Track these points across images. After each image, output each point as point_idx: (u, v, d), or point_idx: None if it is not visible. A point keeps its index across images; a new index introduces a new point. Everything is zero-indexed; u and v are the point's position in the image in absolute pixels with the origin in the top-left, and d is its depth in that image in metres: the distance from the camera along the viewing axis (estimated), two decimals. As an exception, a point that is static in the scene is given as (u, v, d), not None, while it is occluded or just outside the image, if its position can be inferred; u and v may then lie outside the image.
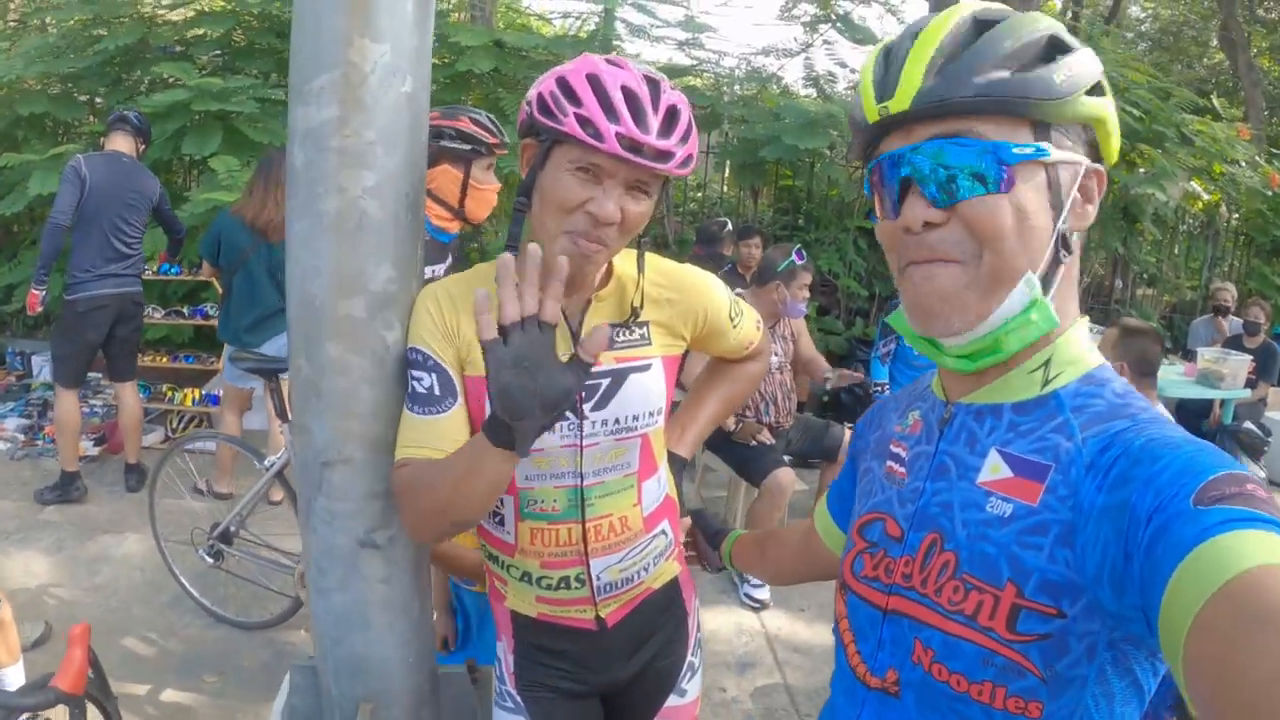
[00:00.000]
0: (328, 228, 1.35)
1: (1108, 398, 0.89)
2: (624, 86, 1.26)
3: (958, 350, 0.92)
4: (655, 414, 1.50)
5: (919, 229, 0.88)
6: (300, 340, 1.42)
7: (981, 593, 0.86)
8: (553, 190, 1.29)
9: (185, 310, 6.18)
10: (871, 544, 1.02)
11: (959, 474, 0.94)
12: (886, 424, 1.12)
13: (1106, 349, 3.33)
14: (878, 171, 0.93)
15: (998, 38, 0.86)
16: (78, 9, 6.46)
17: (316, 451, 1.45)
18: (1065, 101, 0.86)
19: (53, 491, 4.91)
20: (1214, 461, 0.74)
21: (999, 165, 0.85)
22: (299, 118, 1.35)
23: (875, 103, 0.90)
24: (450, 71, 6.37)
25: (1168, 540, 0.69)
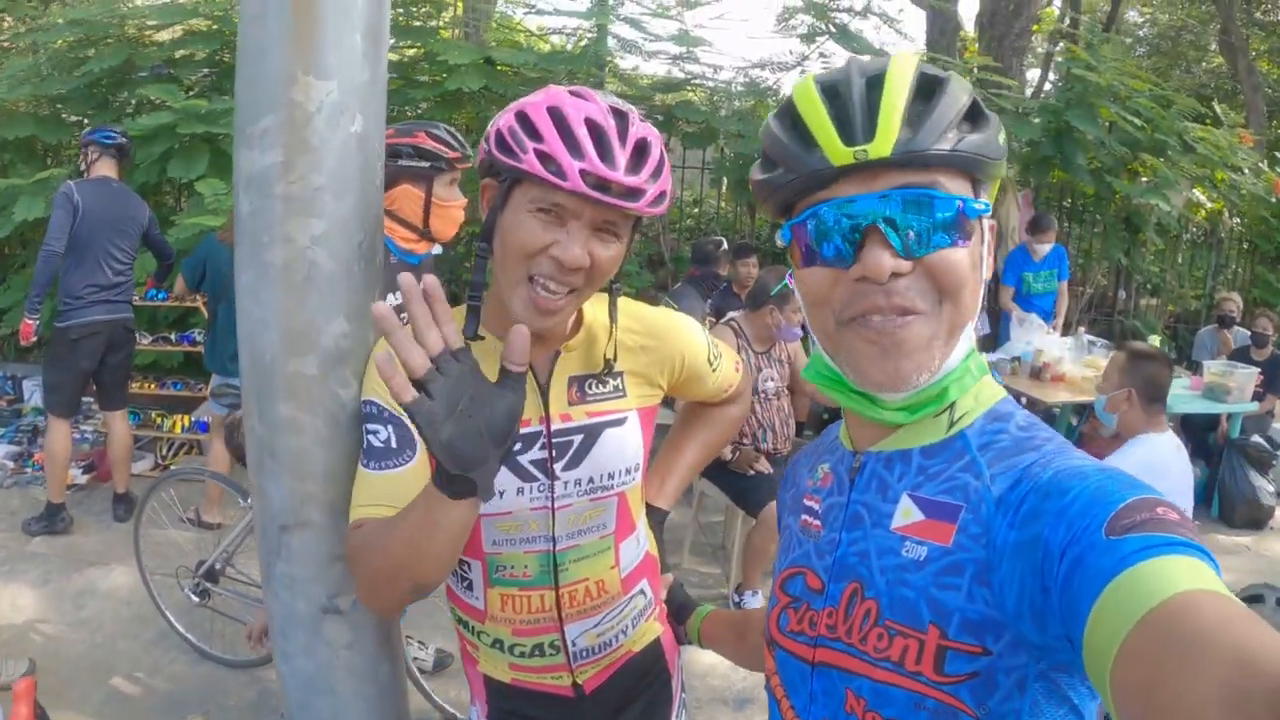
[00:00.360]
0: (275, 280, 1.26)
1: (1012, 432, 0.91)
2: (588, 119, 1.16)
3: (899, 403, 0.92)
4: (632, 470, 1.41)
5: (885, 279, 0.86)
6: (252, 399, 1.34)
7: (906, 638, 0.85)
8: (513, 233, 1.18)
9: (173, 336, 6.10)
10: (794, 598, 1.02)
11: (873, 522, 0.94)
12: (800, 480, 1.12)
13: (1113, 374, 3.21)
14: (820, 217, 0.89)
15: (953, 96, 0.88)
16: (64, 31, 6.42)
17: (273, 515, 1.37)
18: (1000, 163, 0.91)
19: (39, 522, 4.84)
20: (1121, 489, 0.74)
21: (963, 219, 0.87)
22: (243, 162, 1.26)
23: (844, 144, 0.86)
24: (440, 90, 6.30)
25: (1084, 572, 0.69)
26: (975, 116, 0.90)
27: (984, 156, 0.88)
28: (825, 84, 0.91)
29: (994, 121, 0.91)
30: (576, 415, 1.36)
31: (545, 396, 1.35)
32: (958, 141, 0.87)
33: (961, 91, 0.89)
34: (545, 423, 1.34)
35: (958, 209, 0.86)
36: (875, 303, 0.87)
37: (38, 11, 6.79)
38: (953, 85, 0.89)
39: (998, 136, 0.91)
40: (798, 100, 0.92)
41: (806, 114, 0.90)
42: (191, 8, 6.42)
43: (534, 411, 1.34)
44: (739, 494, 4.21)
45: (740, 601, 4.28)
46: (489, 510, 1.33)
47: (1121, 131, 7.18)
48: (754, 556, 4.19)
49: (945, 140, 0.86)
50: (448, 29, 7.22)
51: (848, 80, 0.89)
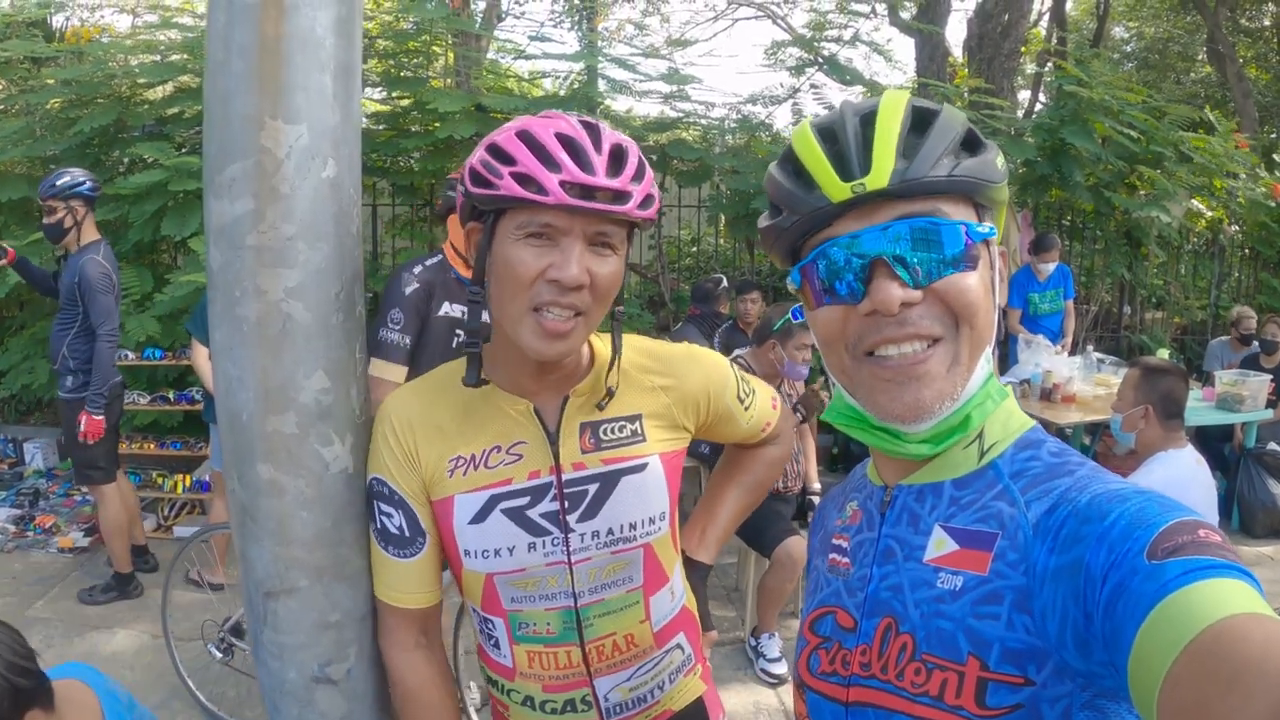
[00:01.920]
0: (249, 335, 1.20)
1: (1044, 459, 0.90)
2: (558, 134, 1.13)
3: (922, 435, 0.92)
4: (657, 520, 1.33)
5: (895, 311, 0.86)
6: (231, 459, 1.28)
7: (944, 671, 0.84)
8: (506, 267, 1.14)
9: (171, 395, 6.04)
10: (824, 639, 1.00)
11: (905, 555, 0.93)
12: (827, 521, 1.11)
13: (1128, 391, 3.14)
14: (827, 255, 0.90)
15: (947, 126, 0.89)
16: (56, 91, 6.42)
17: (257, 581, 1.31)
18: (1001, 185, 0.92)
19: (106, 593, 4.73)
20: (1162, 512, 0.73)
21: (969, 244, 0.87)
22: (213, 213, 1.21)
23: (842, 180, 0.87)
24: (431, 139, 6.28)
25: (1127, 598, 0.69)
26: (971, 144, 0.91)
27: (982, 180, 0.89)
28: (821, 127, 0.93)
29: (991, 147, 0.92)
30: (591, 463, 1.29)
31: (555, 445, 1.28)
32: (954, 167, 0.87)
33: (955, 121, 0.90)
34: (556, 473, 1.28)
35: (962, 234, 0.87)
36: (889, 334, 0.87)
37: (30, 73, 6.80)
38: (945, 115, 0.90)
39: (996, 160, 0.91)
40: (796, 145, 0.93)
41: (805, 157, 0.91)
42: (181, 65, 6.42)
43: (543, 462, 1.28)
44: (752, 534, 4.09)
45: (757, 645, 4.17)
46: (500, 569, 1.28)
47: (1117, 145, 7.16)
48: (769, 598, 4.08)
49: (941, 167, 0.87)
50: (439, 79, 7.24)
51: (842, 120, 0.91)
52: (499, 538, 1.26)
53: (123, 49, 6.74)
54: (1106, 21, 17.05)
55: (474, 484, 1.27)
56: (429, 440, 1.27)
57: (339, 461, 1.27)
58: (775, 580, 3.99)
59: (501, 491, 1.26)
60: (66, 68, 6.42)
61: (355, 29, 1.26)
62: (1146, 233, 7.67)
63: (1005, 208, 0.97)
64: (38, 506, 5.91)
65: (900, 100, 0.90)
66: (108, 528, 4.72)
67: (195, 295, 5.41)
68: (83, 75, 6.31)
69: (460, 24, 7.35)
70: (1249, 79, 14.69)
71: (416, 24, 7.12)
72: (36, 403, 6.99)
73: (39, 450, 6.66)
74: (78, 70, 6.31)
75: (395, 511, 1.28)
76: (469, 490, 1.26)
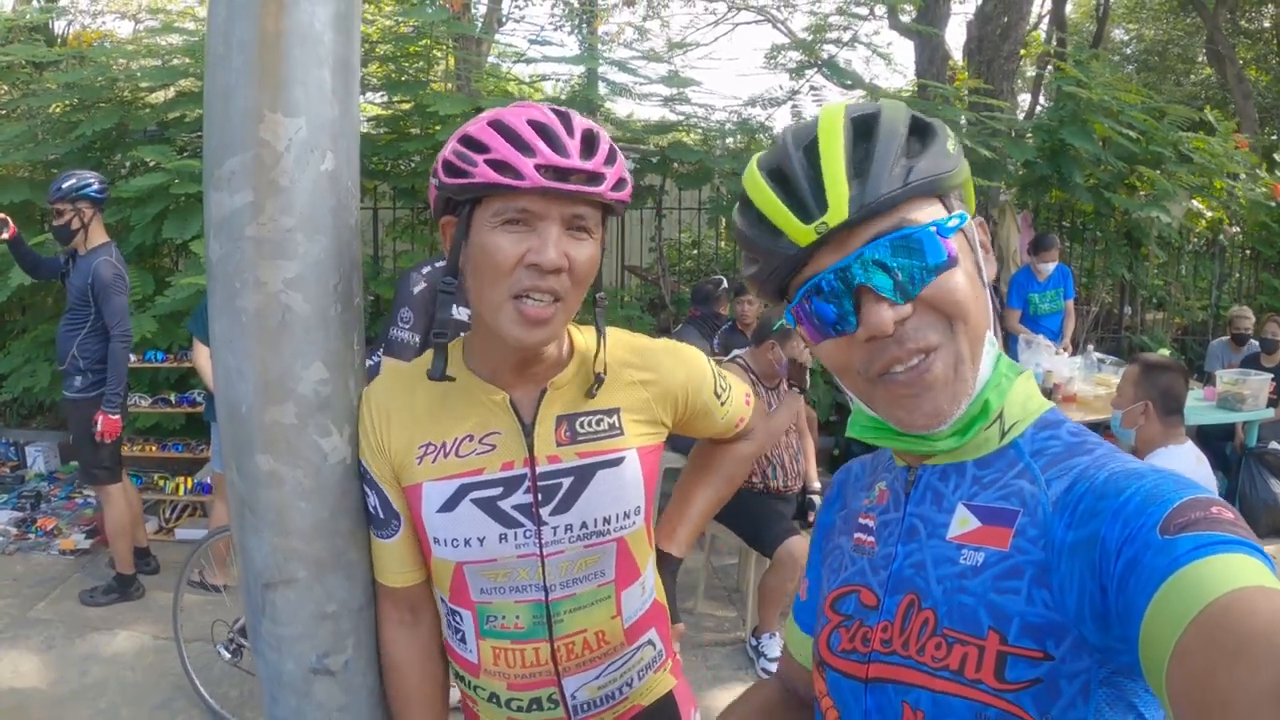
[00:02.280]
0: (248, 326, 1.21)
1: (1064, 438, 0.92)
2: (530, 120, 1.14)
3: (948, 431, 0.92)
4: (632, 514, 1.33)
5: (891, 330, 0.87)
6: (230, 451, 1.29)
7: (965, 645, 0.85)
8: (484, 255, 1.15)
9: (173, 397, 6.05)
10: (846, 617, 1.00)
11: (928, 533, 0.94)
12: (852, 501, 1.11)
13: (1128, 388, 3.14)
14: (812, 295, 0.91)
15: (891, 129, 0.89)
16: (58, 95, 6.44)
17: (256, 572, 1.32)
18: (959, 169, 0.91)
19: (108, 594, 4.73)
20: (1177, 489, 0.74)
21: (942, 243, 0.87)
22: (213, 205, 1.23)
23: (804, 223, 0.88)
24: (432, 142, 6.28)
25: (1139, 572, 0.69)
26: (920, 133, 0.91)
27: (938, 175, 0.89)
28: (769, 168, 0.93)
29: (938, 130, 0.91)
30: (566, 456, 1.29)
31: (530, 437, 1.28)
32: (907, 173, 0.87)
33: (897, 119, 0.90)
34: (530, 465, 1.28)
35: (935, 235, 0.87)
36: (893, 355, 0.88)
37: (31, 77, 6.82)
38: (886, 115, 0.90)
39: (947, 145, 0.91)
40: (749, 192, 0.94)
41: (761, 204, 0.92)
42: (183, 69, 6.45)
43: (517, 453, 1.28)
44: (752, 534, 4.09)
45: (758, 645, 4.16)
46: (470, 557, 1.28)
47: (1116, 146, 7.17)
48: (770, 599, 4.07)
49: (894, 178, 0.87)
50: (439, 83, 7.25)
51: (787, 155, 0.91)
52: (468, 527, 1.26)
53: (124, 53, 6.76)
54: (1106, 24, 17.07)
55: (443, 472, 1.27)
56: (402, 426, 1.28)
57: (337, 452, 1.28)
58: (776, 580, 3.98)
59: (472, 481, 1.26)
60: (68, 72, 6.42)
61: (354, 25, 1.27)
62: (1147, 233, 7.67)
63: (969, 183, 0.96)
64: (39, 509, 5.92)
65: (836, 117, 0.90)
66: (112, 528, 4.73)
67: (196, 297, 5.42)
68: (84, 79, 6.33)
69: (460, 28, 7.36)
70: (1249, 80, 14.70)
71: (417, 29, 7.14)
72: (38, 406, 7.00)
73: (40, 453, 6.67)
74: (79, 74, 6.33)
75: (371, 493, 1.31)
76: (438, 478, 1.26)
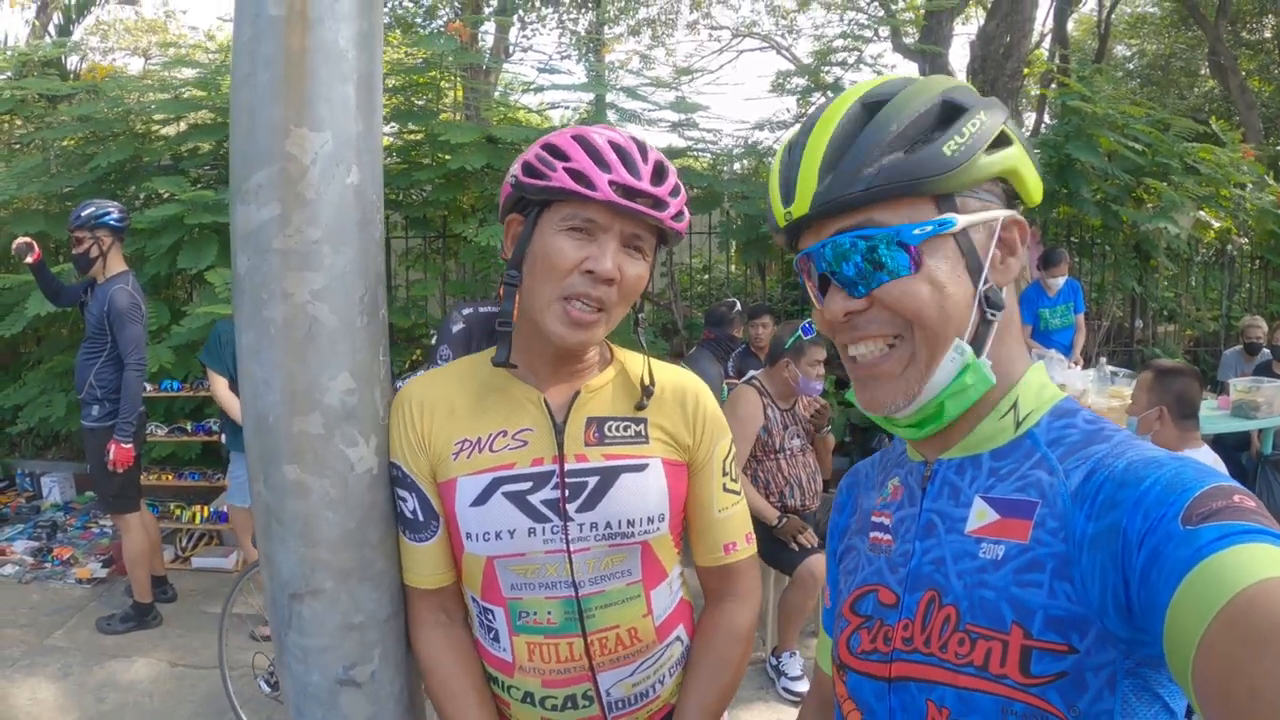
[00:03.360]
0: (275, 337, 1.23)
1: (1080, 426, 0.91)
2: (611, 141, 1.25)
3: (906, 420, 0.95)
4: (656, 520, 1.34)
5: (841, 319, 0.92)
6: (257, 462, 1.30)
7: (988, 640, 0.84)
8: (544, 255, 1.23)
9: (189, 426, 6.09)
10: (866, 618, 1.00)
11: (946, 528, 0.93)
12: (864, 500, 1.11)
13: (1141, 394, 3.15)
14: (804, 264, 0.96)
15: (883, 122, 0.88)
16: (73, 129, 6.54)
17: (282, 583, 1.32)
18: (961, 170, 0.88)
19: (125, 622, 4.73)
20: (1198, 477, 0.74)
21: (902, 250, 0.87)
22: (239, 219, 1.24)
23: (782, 207, 0.94)
24: (443, 170, 6.36)
25: (1162, 564, 0.69)
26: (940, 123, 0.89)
27: (914, 178, 0.87)
28: (790, 142, 0.97)
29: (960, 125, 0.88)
30: (593, 456, 1.32)
31: (560, 435, 1.32)
32: (876, 175, 0.87)
33: (902, 109, 0.89)
34: (559, 462, 1.31)
35: (892, 241, 0.87)
36: (844, 338, 0.95)
37: (46, 110, 6.91)
38: (894, 104, 0.89)
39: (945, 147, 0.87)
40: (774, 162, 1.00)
41: (769, 177, 0.98)
42: (195, 102, 6.55)
43: (547, 450, 1.31)
44: (773, 553, 4.04)
45: (778, 664, 4.13)
46: (500, 551, 1.30)
47: (1122, 159, 7.18)
48: (790, 616, 4.04)
49: (859, 180, 0.87)
50: (449, 112, 7.33)
51: (800, 132, 0.95)
52: (500, 520, 1.28)
53: (137, 87, 6.85)
54: (1108, 40, 17.14)
55: (477, 466, 1.30)
56: (442, 422, 1.32)
57: (364, 462, 1.29)
58: (797, 598, 3.96)
59: (504, 475, 1.29)
60: (82, 105, 6.52)
61: (376, 43, 1.30)
62: (1155, 245, 7.67)
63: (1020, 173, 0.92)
64: (55, 538, 5.95)
65: (845, 101, 0.92)
66: (130, 557, 4.73)
67: (210, 327, 5.46)
68: (98, 112, 6.44)
69: (469, 58, 7.45)
70: (1252, 91, 14.72)
71: (426, 60, 7.23)
72: (54, 436, 7.04)
73: (56, 484, 6.71)
74: (93, 108, 6.43)
75: (410, 495, 1.32)
76: (471, 473, 1.30)
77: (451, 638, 1.40)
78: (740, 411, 3.97)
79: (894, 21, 11.76)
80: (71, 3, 10.56)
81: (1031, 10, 9.90)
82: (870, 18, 14.11)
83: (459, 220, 6.65)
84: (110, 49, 17.31)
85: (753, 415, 3.97)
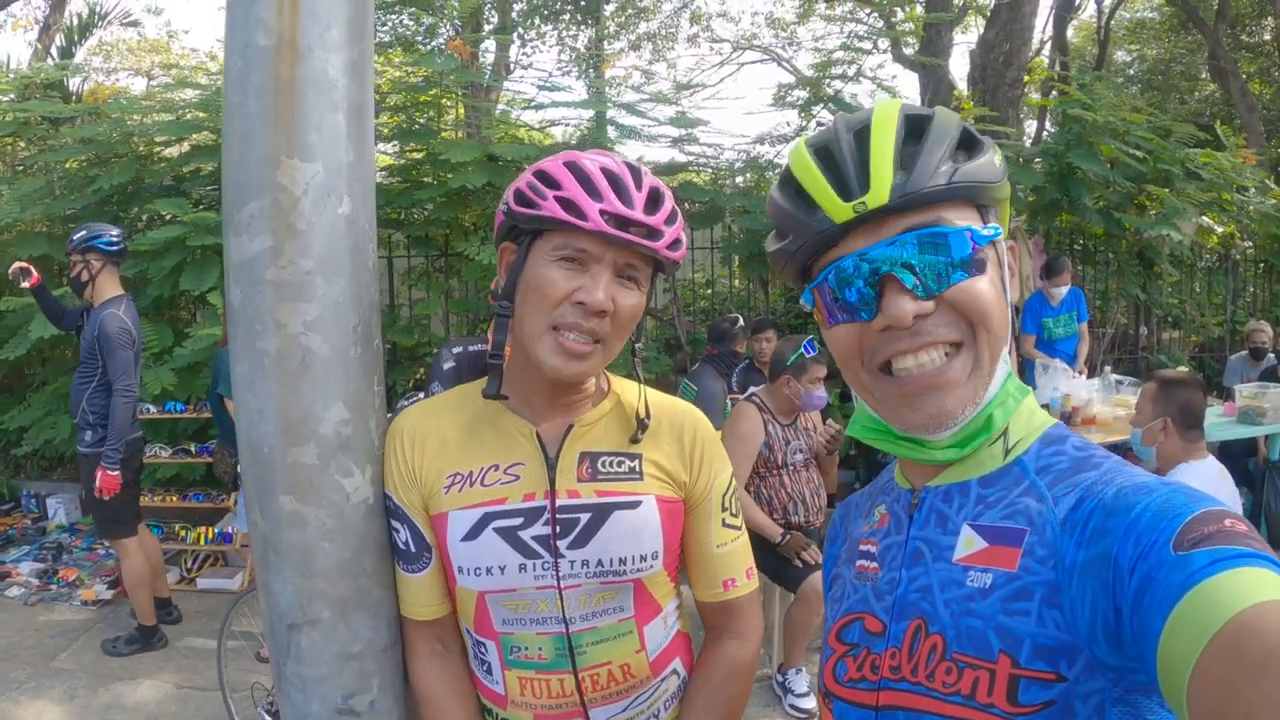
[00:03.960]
0: (269, 368, 1.23)
1: (1069, 453, 0.91)
2: (604, 168, 1.21)
3: (948, 440, 0.93)
4: (649, 558, 1.31)
5: (909, 324, 0.87)
6: (253, 492, 1.30)
7: (975, 669, 0.83)
8: (535, 285, 1.20)
9: (193, 448, 6.08)
10: (852, 645, 0.99)
11: (934, 556, 0.93)
12: (853, 529, 1.11)
13: (1146, 405, 3.13)
14: (836, 275, 0.91)
15: (942, 131, 0.90)
16: (75, 150, 6.56)
17: (280, 613, 1.32)
18: (1002, 184, 0.92)
19: (130, 645, 4.73)
20: (1188, 502, 0.73)
21: (975, 249, 0.88)
22: (232, 250, 1.24)
23: (843, 201, 0.89)
24: (444, 189, 6.36)
25: (1154, 590, 0.68)
26: (969, 144, 0.92)
27: (982, 182, 0.90)
28: (816, 145, 0.94)
29: (987, 145, 0.92)
30: (585, 492, 1.30)
31: (553, 470, 1.30)
32: (953, 173, 0.88)
33: (949, 124, 0.91)
34: (550, 497, 1.29)
35: (968, 239, 0.87)
36: (903, 346, 0.89)
37: (48, 133, 6.95)
38: (939, 119, 0.91)
39: (994, 159, 0.92)
40: (794, 166, 0.95)
41: (803, 178, 0.93)
42: (196, 123, 6.57)
43: (539, 485, 1.29)
44: (777, 569, 4.03)
45: (784, 680, 4.11)
46: (491, 587, 1.28)
47: (1124, 166, 7.17)
48: (795, 633, 4.01)
49: (940, 175, 0.87)
50: (450, 131, 7.35)
51: (836, 137, 0.92)
52: (491, 556, 1.27)
53: (139, 108, 6.89)
54: (1108, 46, 17.17)
55: (468, 501, 1.28)
56: (433, 455, 1.31)
57: (359, 492, 1.29)
58: (802, 614, 3.94)
59: (495, 510, 1.28)
60: (84, 127, 6.54)
61: (367, 71, 1.30)
62: (1159, 252, 7.65)
63: (1008, 204, 0.97)
64: (61, 560, 5.95)
65: (893, 110, 0.91)
66: (130, 580, 4.73)
67: (214, 349, 5.47)
68: (100, 134, 6.45)
69: (469, 76, 7.47)
70: (1253, 94, 14.73)
71: (426, 79, 7.25)
72: (59, 458, 7.05)
73: (61, 505, 6.71)
74: (95, 129, 6.45)
75: (402, 526, 1.32)
76: (463, 507, 1.28)
77: (448, 668, 1.38)
78: (741, 428, 3.96)
79: (894, 33, 11.78)
80: (74, 24, 10.67)
81: (1031, 18, 9.94)
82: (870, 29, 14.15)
83: (461, 239, 6.64)
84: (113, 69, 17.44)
85: (753, 432, 3.96)
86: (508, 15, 13.92)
